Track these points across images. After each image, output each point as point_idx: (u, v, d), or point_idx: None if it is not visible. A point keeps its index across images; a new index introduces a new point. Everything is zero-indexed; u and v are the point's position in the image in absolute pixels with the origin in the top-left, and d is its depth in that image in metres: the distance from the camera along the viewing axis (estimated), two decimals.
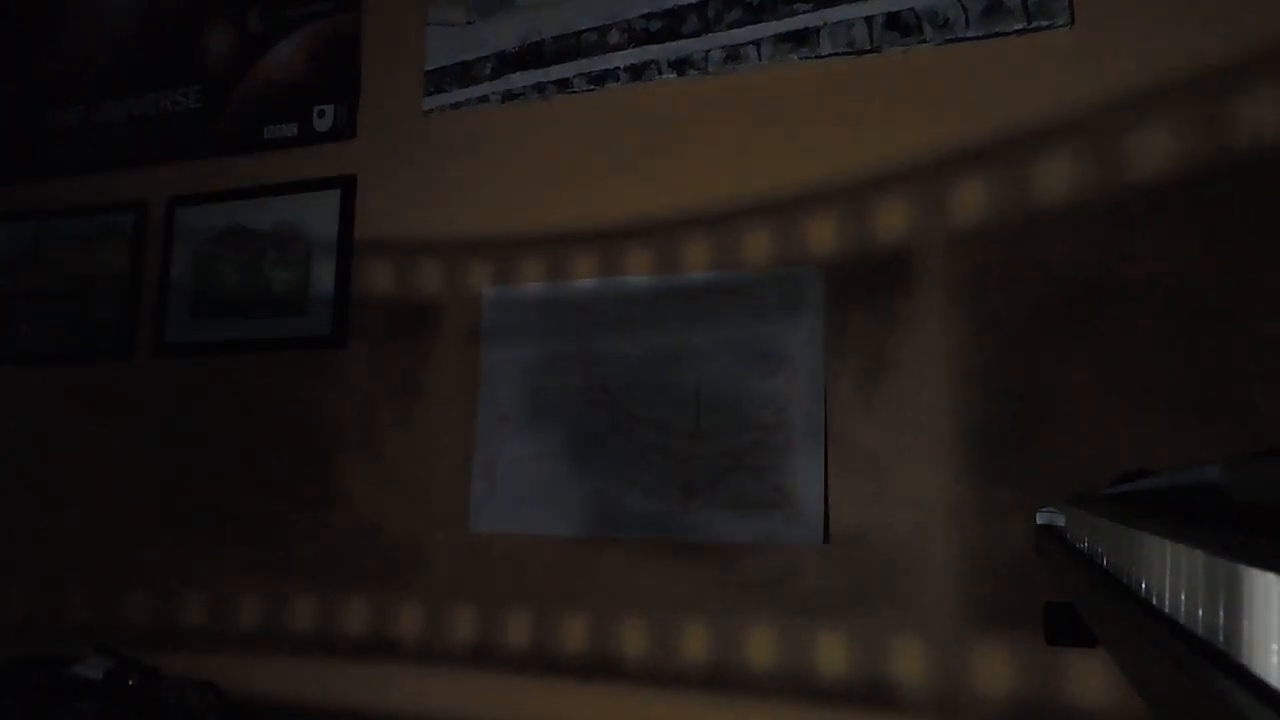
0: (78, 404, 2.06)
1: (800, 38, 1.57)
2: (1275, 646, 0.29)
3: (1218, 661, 0.32)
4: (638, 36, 1.68)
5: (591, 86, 1.71)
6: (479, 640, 1.64)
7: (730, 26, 1.61)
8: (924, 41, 1.49)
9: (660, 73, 1.66)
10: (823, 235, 1.53)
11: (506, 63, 1.78)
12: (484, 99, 1.79)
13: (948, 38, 1.48)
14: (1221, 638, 0.33)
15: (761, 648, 1.47)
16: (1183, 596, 0.39)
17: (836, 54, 1.54)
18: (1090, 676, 1.28)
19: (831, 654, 1.43)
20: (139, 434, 1.98)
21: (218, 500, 1.88)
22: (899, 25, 1.51)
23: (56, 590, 2.00)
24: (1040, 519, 0.99)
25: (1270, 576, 0.29)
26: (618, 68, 1.69)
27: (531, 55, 1.76)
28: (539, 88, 1.75)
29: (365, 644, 1.73)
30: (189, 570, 1.88)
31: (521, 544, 1.64)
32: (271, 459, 1.85)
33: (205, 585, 1.87)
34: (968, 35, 1.46)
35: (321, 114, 1.93)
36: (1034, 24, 1.43)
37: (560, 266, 1.70)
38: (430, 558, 1.70)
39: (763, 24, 1.59)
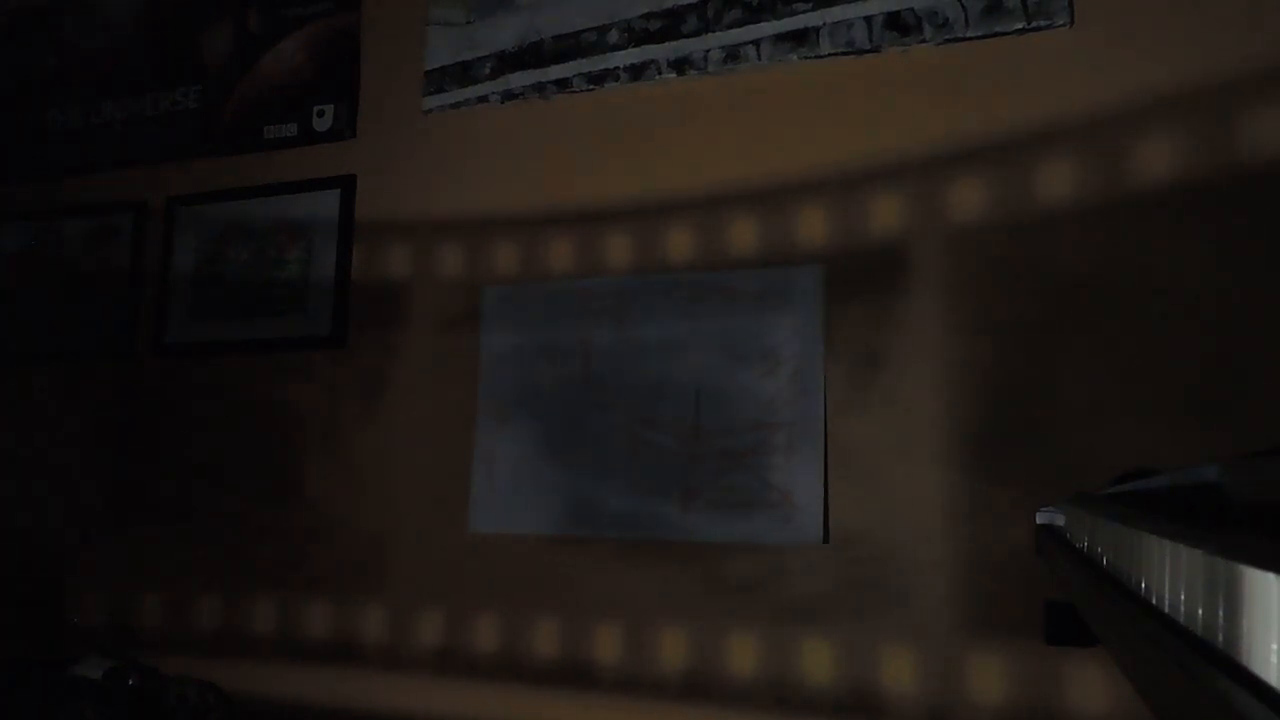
0: (77, 404, 2.06)
1: (800, 37, 1.57)
2: (1275, 646, 0.29)
3: (1218, 661, 0.32)
4: (637, 36, 1.68)
5: (591, 86, 1.71)
6: (496, 642, 1.64)
7: (730, 26, 1.61)
8: (924, 41, 1.49)
9: (660, 72, 1.66)
10: (822, 234, 1.53)
11: (506, 62, 1.78)
12: (484, 99, 1.79)
13: (947, 37, 1.48)
14: (1221, 638, 0.33)
15: (763, 648, 1.47)
16: (1183, 596, 0.39)
17: (836, 54, 1.54)
18: (1090, 679, 1.28)
19: (830, 656, 1.43)
20: (139, 434, 1.98)
21: (216, 500, 1.88)
22: (898, 25, 1.51)
23: (57, 590, 2.00)
24: (1040, 519, 0.98)
25: (1270, 576, 0.29)
26: (617, 67, 1.69)
27: (531, 55, 1.76)
28: (539, 88, 1.75)
29: (375, 645, 1.73)
30: (192, 572, 1.88)
31: (523, 542, 1.64)
32: (274, 459, 1.85)
33: (217, 587, 1.87)
34: (967, 35, 1.46)
35: (321, 114, 1.93)
36: (1034, 24, 1.42)
37: (560, 265, 1.70)
38: (431, 557, 1.70)
39: (762, 24, 1.59)
